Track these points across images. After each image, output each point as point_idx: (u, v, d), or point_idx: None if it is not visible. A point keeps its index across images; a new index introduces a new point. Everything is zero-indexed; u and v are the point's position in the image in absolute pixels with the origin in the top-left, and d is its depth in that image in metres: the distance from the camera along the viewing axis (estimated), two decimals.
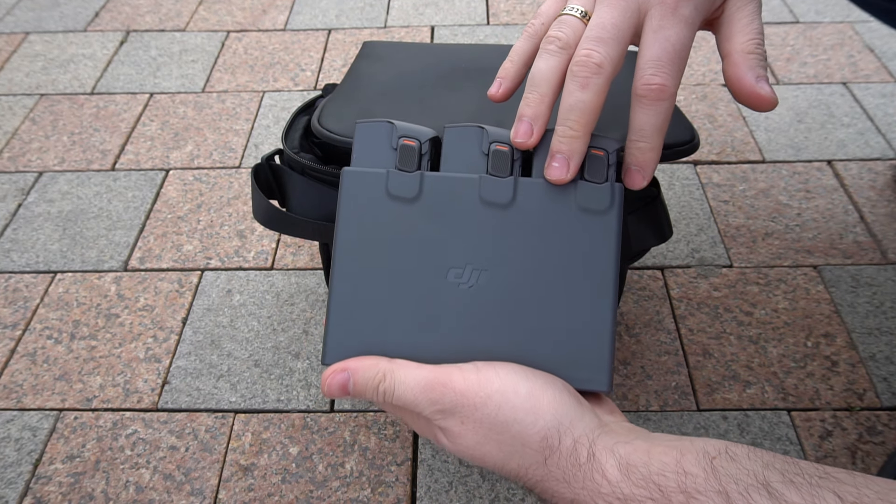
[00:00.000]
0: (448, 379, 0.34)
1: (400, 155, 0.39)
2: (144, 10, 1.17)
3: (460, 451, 0.35)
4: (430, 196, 0.38)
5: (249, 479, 0.57)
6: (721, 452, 0.31)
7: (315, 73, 1.02)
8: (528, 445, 0.34)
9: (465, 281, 0.38)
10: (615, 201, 0.37)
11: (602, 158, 0.37)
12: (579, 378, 0.37)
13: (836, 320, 0.68)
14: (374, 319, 0.38)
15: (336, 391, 0.37)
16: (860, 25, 1.07)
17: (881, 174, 0.83)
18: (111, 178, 0.86)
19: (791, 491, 0.28)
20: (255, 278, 0.73)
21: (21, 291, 0.72)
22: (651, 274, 0.73)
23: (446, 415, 0.34)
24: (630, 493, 0.31)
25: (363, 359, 0.37)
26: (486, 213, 0.38)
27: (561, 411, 0.34)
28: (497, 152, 0.38)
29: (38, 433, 0.60)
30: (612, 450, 0.32)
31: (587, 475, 0.32)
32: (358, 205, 0.38)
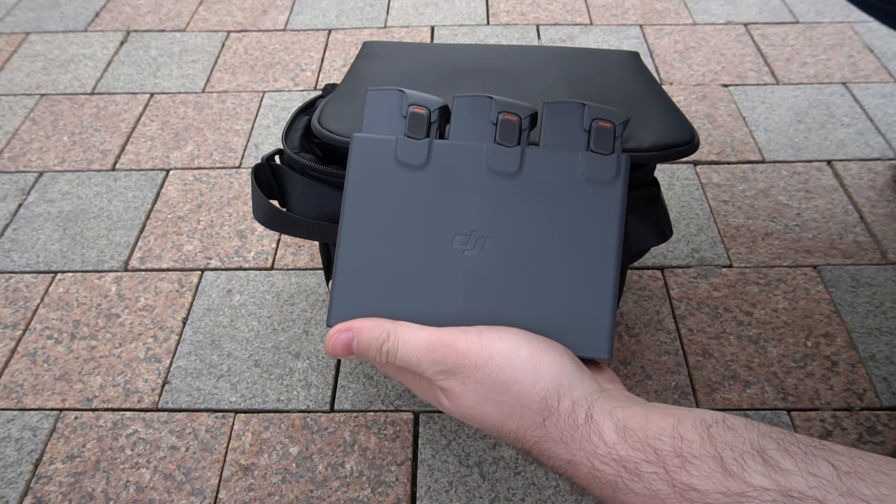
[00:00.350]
0: (451, 340, 0.35)
1: (409, 122, 0.39)
2: (145, 10, 1.17)
3: (460, 412, 0.36)
4: (437, 163, 0.39)
5: (249, 479, 0.57)
6: (718, 421, 0.31)
7: (315, 73, 1.02)
8: (528, 406, 0.34)
9: (470, 247, 0.38)
10: (620, 172, 0.38)
11: (609, 130, 0.38)
12: (580, 345, 0.37)
13: (835, 320, 0.68)
14: (379, 283, 0.38)
15: (340, 350, 0.37)
16: (860, 25, 1.07)
17: (881, 174, 0.83)
18: (111, 178, 0.86)
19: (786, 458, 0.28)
20: (255, 278, 0.73)
21: (21, 291, 0.72)
22: (651, 274, 0.73)
23: (448, 375, 0.35)
24: (626, 455, 0.31)
25: (367, 320, 0.37)
26: (492, 181, 0.38)
27: (561, 374, 0.34)
28: (505, 122, 0.39)
29: (39, 433, 0.61)
30: (610, 413, 0.33)
31: (584, 436, 0.33)
32: (367, 170, 0.39)
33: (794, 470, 0.28)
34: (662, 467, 0.30)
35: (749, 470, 0.28)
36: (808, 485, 0.27)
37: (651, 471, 0.30)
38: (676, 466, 0.30)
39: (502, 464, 0.57)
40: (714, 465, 0.29)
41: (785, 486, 0.27)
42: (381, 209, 0.39)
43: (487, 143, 0.39)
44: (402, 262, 0.38)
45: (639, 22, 1.10)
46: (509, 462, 0.57)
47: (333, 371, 0.64)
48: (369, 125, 0.40)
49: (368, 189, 0.39)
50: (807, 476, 0.27)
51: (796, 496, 0.27)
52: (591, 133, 0.38)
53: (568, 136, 0.38)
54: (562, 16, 1.12)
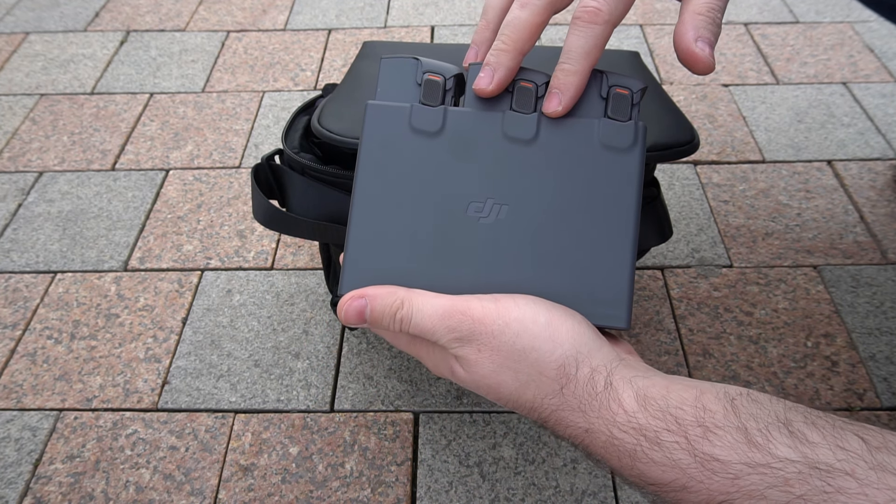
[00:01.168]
0: (466, 307, 0.34)
1: (424, 89, 0.39)
2: (144, 10, 1.17)
3: (475, 381, 0.35)
4: (453, 130, 0.38)
5: (249, 479, 0.57)
6: (742, 394, 0.30)
7: (315, 73, 1.02)
8: (545, 374, 0.33)
9: (486, 215, 0.38)
10: (638, 140, 0.37)
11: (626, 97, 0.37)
12: (598, 314, 0.36)
13: (836, 320, 0.67)
14: (392, 250, 0.38)
15: (353, 318, 0.36)
16: (860, 25, 1.07)
17: (881, 174, 0.83)
18: (111, 178, 0.86)
19: (813, 431, 0.28)
20: (255, 278, 0.73)
21: (21, 291, 0.72)
22: (651, 274, 0.73)
23: (463, 342, 0.34)
24: (646, 424, 0.31)
25: (381, 287, 0.37)
26: (508, 148, 0.38)
27: (580, 341, 0.34)
28: (521, 88, 0.38)
29: (38, 433, 0.60)
30: (630, 381, 0.32)
31: (603, 404, 0.32)
32: (380, 138, 0.38)
33: (821, 443, 0.27)
34: (684, 436, 0.29)
35: (774, 441, 0.28)
36: (837, 458, 0.26)
37: (672, 440, 0.30)
38: (698, 436, 0.29)
39: (502, 464, 0.57)
40: (738, 436, 0.28)
41: (812, 459, 0.27)
42: (395, 176, 0.38)
43: (503, 110, 0.38)
44: (415, 230, 0.38)
45: (639, 22, 1.10)
46: (509, 462, 0.57)
47: (333, 371, 0.64)
48: (383, 93, 0.39)
49: (382, 156, 0.38)
50: (835, 449, 0.27)
51: (824, 469, 0.26)
52: (608, 100, 0.37)
53: (585, 103, 0.38)
54: (562, 15, 1.12)
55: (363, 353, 0.66)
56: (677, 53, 0.35)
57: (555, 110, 0.37)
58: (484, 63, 0.37)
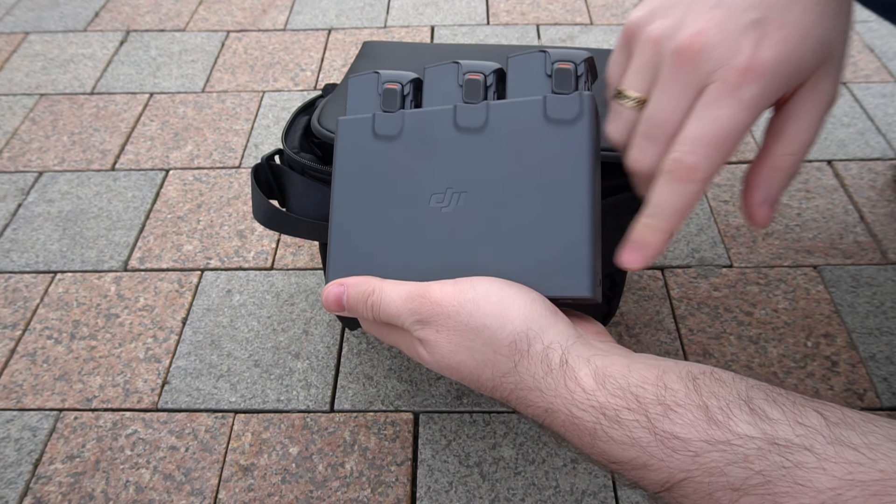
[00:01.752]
0: (426, 291, 0.36)
1: (383, 98, 0.42)
2: (144, 10, 1.17)
3: (437, 361, 0.36)
4: (410, 131, 0.41)
5: (249, 479, 0.57)
6: (706, 373, 0.30)
7: (315, 73, 1.02)
8: (499, 351, 0.34)
9: (446, 204, 0.39)
10: (584, 108, 0.37)
11: (569, 70, 0.38)
12: (560, 285, 0.36)
13: (836, 320, 0.67)
14: (367, 247, 0.41)
15: (333, 304, 0.40)
16: (860, 25, 1.07)
17: (881, 174, 0.83)
18: (111, 178, 0.86)
19: (773, 409, 0.28)
20: (255, 278, 0.73)
21: (21, 291, 0.72)
22: (651, 274, 0.73)
23: (424, 324, 0.36)
24: (605, 402, 0.31)
25: (358, 277, 0.40)
26: (461, 138, 0.40)
27: (531, 317, 0.34)
28: (469, 81, 0.40)
29: (38, 433, 0.60)
30: (588, 360, 0.32)
31: (559, 382, 0.32)
32: (350, 147, 0.42)
33: (781, 419, 0.27)
34: (644, 415, 0.30)
35: (734, 419, 0.28)
36: (796, 433, 0.27)
37: (632, 418, 0.30)
38: (659, 414, 0.29)
39: (502, 464, 0.57)
40: (698, 414, 0.29)
41: (771, 435, 0.27)
42: (365, 179, 0.41)
43: (455, 103, 0.40)
44: (386, 225, 0.41)
45: None
46: (509, 462, 0.57)
47: (333, 371, 0.64)
48: (352, 108, 0.43)
49: (353, 163, 0.42)
50: (794, 425, 0.27)
51: (783, 444, 0.27)
52: (552, 77, 0.38)
53: (532, 84, 0.39)
54: (562, 16, 1.12)
55: (363, 353, 0.66)
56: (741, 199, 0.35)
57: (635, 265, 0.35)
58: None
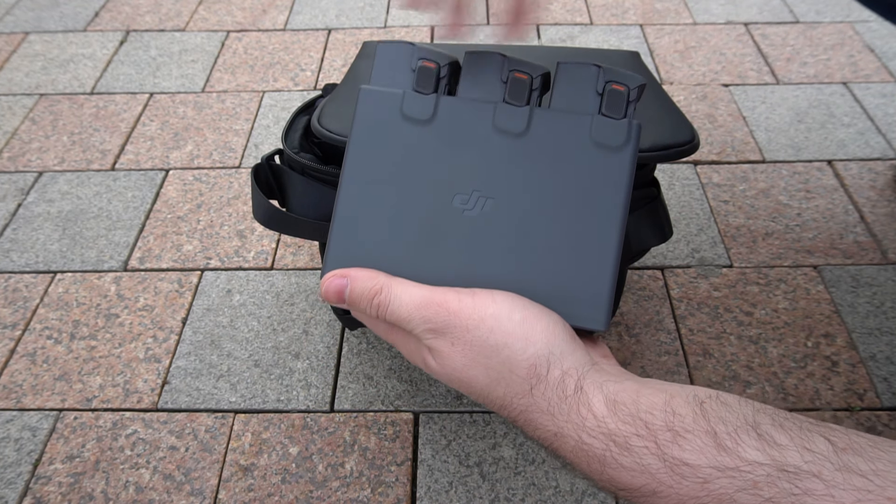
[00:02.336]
0: (443, 299, 0.34)
1: (418, 76, 0.38)
2: (144, 9, 1.17)
3: (447, 374, 0.35)
4: (444, 119, 0.38)
5: (249, 480, 0.57)
6: (712, 397, 0.30)
7: (315, 73, 1.02)
8: (516, 372, 0.33)
9: (471, 208, 0.37)
10: (631, 138, 0.36)
11: (622, 94, 0.37)
12: (577, 315, 0.36)
13: (836, 320, 0.67)
14: (376, 236, 0.38)
15: (332, 296, 0.37)
16: (860, 25, 1.07)
17: (881, 174, 0.83)
18: (111, 178, 0.86)
19: (781, 434, 0.28)
20: (255, 278, 0.73)
21: (21, 291, 0.72)
22: (651, 274, 0.73)
23: (437, 334, 0.34)
24: (616, 429, 0.31)
25: (364, 270, 0.37)
26: (498, 140, 0.37)
27: (553, 342, 0.34)
28: (516, 80, 0.37)
29: (38, 433, 0.60)
30: (601, 386, 0.32)
31: (572, 408, 0.32)
32: (371, 123, 0.38)
33: (789, 445, 0.27)
34: (653, 441, 0.29)
35: (743, 445, 0.28)
36: (804, 459, 0.27)
37: (641, 445, 0.30)
38: (668, 441, 0.29)
39: (502, 464, 0.57)
40: (707, 440, 0.29)
41: (780, 461, 0.27)
42: (384, 162, 0.38)
43: (496, 101, 0.38)
44: (401, 218, 0.38)
45: (639, 22, 1.10)
46: (509, 462, 0.57)
47: (333, 371, 0.64)
48: (378, 77, 0.39)
49: (372, 141, 0.38)
50: (802, 451, 0.27)
51: (791, 471, 0.27)
52: (603, 96, 0.37)
53: (580, 98, 0.37)
54: (562, 15, 1.12)
55: (363, 353, 0.66)
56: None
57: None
58: None
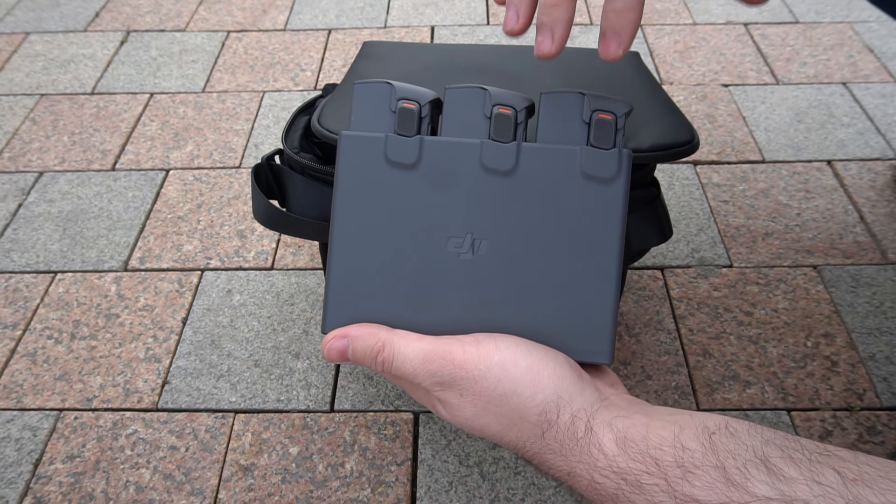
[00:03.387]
0: (447, 351, 0.34)
1: (399, 118, 0.37)
2: (144, 10, 1.17)
3: (459, 423, 0.35)
4: (429, 162, 0.37)
5: (249, 479, 0.57)
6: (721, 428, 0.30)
7: (315, 73, 1.02)
8: (527, 419, 0.33)
9: (465, 251, 0.37)
10: (622, 169, 0.36)
11: (610, 123, 0.36)
12: (581, 350, 0.36)
13: (836, 320, 0.67)
14: (373, 288, 0.37)
15: (335, 356, 0.36)
16: (860, 25, 1.07)
17: (881, 174, 0.83)
18: (111, 178, 0.86)
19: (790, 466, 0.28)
20: (255, 278, 0.73)
21: (21, 291, 0.72)
22: (651, 274, 0.73)
23: (445, 387, 0.34)
24: (626, 467, 0.31)
25: (363, 326, 0.36)
26: (487, 180, 0.37)
27: (561, 386, 0.34)
28: (500, 115, 0.37)
29: (38, 433, 0.60)
30: (611, 424, 0.32)
31: (584, 449, 0.32)
32: (356, 170, 0.37)
33: (798, 478, 0.27)
34: (664, 478, 0.30)
35: (752, 479, 0.28)
36: (813, 493, 0.27)
37: (652, 482, 0.30)
38: (678, 477, 0.29)
39: (502, 464, 0.57)
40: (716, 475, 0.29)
41: (789, 496, 0.27)
42: (373, 211, 0.37)
43: (481, 138, 0.37)
44: (395, 267, 0.37)
45: None
46: (509, 462, 0.57)
47: (333, 371, 0.64)
48: (358, 121, 0.38)
49: (359, 190, 0.37)
50: (811, 484, 0.27)
51: None
52: (591, 126, 0.36)
53: (567, 129, 0.37)
54: None
55: None
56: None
57: (615, 54, 0.34)
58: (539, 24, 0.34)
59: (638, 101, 0.51)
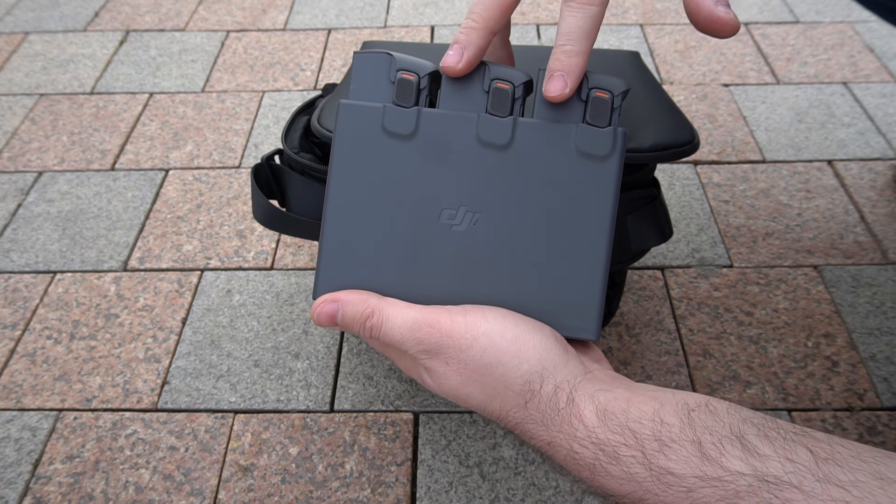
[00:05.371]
0: (435, 320, 0.35)
1: (397, 89, 0.38)
2: (144, 9, 1.17)
3: (443, 392, 0.36)
4: (426, 134, 0.37)
5: (249, 480, 0.57)
6: (701, 405, 0.31)
7: (315, 72, 1.02)
8: (510, 388, 0.34)
9: (458, 223, 0.37)
10: (617, 147, 0.36)
11: (606, 101, 0.36)
12: (567, 325, 0.37)
13: (836, 320, 0.67)
14: (365, 256, 0.38)
15: (325, 320, 0.37)
16: (860, 25, 1.07)
17: (881, 174, 0.83)
18: (111, 178, 0.86)
19: (765, 444, 0.28)
20: (254, 278, 0.73)
21: (21, 291, 0.72)
22: (651, 274, 0.73)
23: (431, 355, 0.35)
24: (605, 439, 0.31)
25: (354, 292, 0.37)
26: (482, 153, 0.37)
27: (546, 357, 0.34)
28: (498, 90, 0.37)
29: (38, 433, 0.60)
30: (592, 396, 0.33)
31: (565, 419, 0.33)
32: (353, 140, 0.38)
33: (771, 455, 0.28)
34: (640, 451, 0.30)
35: (727, 455, 0.28)
36: (785, 470, 0.27)
37: (629, 454, 0.30)
38: (654, 450, 0.30)
39: (502, 464, 0.57)
40: (692, 450, 0.29)
41: (762, 472, 0.28)
42: (368, 180, 0.38)
43: (479, 112, 0.37)
44: (388, 236, 0.37)
45: (639, 21, 1.10)
46: (509, 462, 0.57)
47: (333, 371, 0.64)
48: (357, 91, 0.38)
49: (355, 159, 0.38)
50: (784, 462, 0.28)
51: (772, 481, 0.27)
52: (587, 103, 0.36)
53: (564, 105, 0.37)
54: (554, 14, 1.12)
55: (363, 353, 0.66)
56: (697, 23, 0.34)
57: (561, 93, 0.35)
58: (453, 41, 0.36)
59: (638, 100, 0.51)
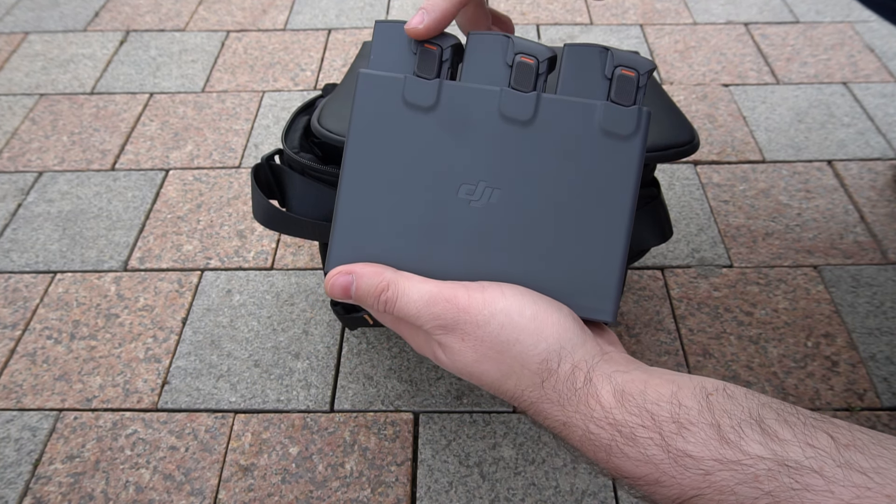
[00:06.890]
0: (452, 294, 0.34)
1: (419, 60, 0.37)
2: (144, 9, 1.17)
3: (458, 368, 0.35)
4: (447, 106, 0.36)
5: (249, 480, 0.57)
6: (718, 389, 0.31)
7: (315, 73, 1.02)
8: (527, 367, 0.33)
9: (477, 198, 0.36)
10: (641, 126, 0.35)
11: (632, 79, 0.35)
12: (584, 306, 0.36)
13: (836, 320, 0.67)
14: (381, 229, 0.37)
15: (338, 292, 0.36)
16: (860, 25, 1.07)
17: (881, 174, 0.83)
18: (111, 178, 0.86)
19: (784, 429, 0.28)
20: (255, 278, 0.73)
21: (21, 291, 0.72)
22: (651, 274, 0.73)
23: (447, 331, 0.34)
24: (622, 419, 0.31)
25: (369, 265, 0.36)
26: (504, 128, 0.36)
27: (564, 336, 0.34)
28: (521, 64, 0.36)
29: (38, 433, 0.60)
30: (610, 377, 0.32)
31: (581, 399, 0.32)
32: (372, 110, 0.37)
33: (791, 440, 0.28)
34: (658, 433, 0.30)
35: (746, 438, 0.28)
36: (806, 455, 0.27)
37: (646, 436, 0.30)
38: (672, 433, 0.29)
39: (502, 464, 0.57)
40: (710, 433, 0.29)
41: (782, 456, 0.27)
42: (386, 152, 0.37)
43: (501, 86, 0.36)
44: (405, 210, 0.36)
45: (639, 21, 1.10)
46: (509, 462, 0.57)
47: (333, 371, 0.64)
48: (377, 61, 0.37)
49: (373, 130, 0.37)
50: (804, 447, 0.27)
51: (793, 466, 0.27)
52: (612, 81, 0.36)
53: (588, 82, 0.36)
54: (562, 15, 1.12)
55: (363, 353, 0.66)
56: None
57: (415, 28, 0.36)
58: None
59: None
